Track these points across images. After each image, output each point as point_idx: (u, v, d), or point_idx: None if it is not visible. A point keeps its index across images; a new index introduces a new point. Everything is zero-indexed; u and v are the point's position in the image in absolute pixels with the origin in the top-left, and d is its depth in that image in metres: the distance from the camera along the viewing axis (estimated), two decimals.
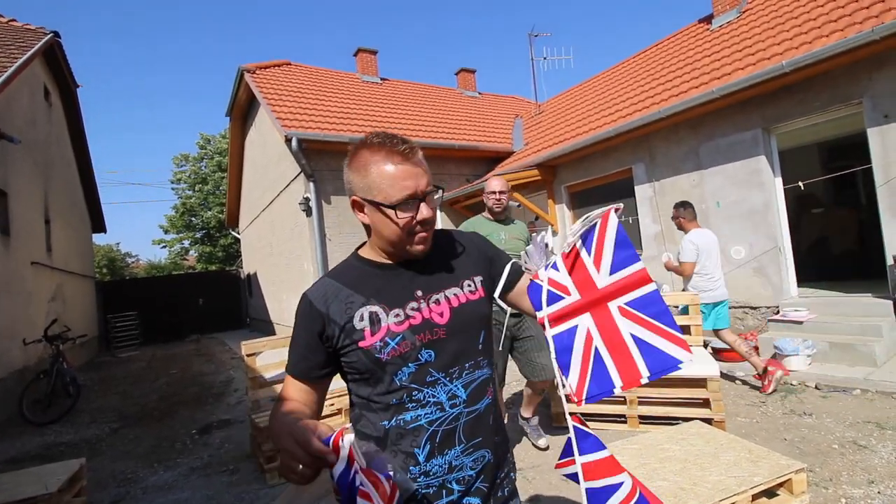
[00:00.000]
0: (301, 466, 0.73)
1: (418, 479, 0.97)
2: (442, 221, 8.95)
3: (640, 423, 3.53)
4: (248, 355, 3.74)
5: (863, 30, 4.45)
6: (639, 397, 3.52)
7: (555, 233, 8.48)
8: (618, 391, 0.87)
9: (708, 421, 3.14)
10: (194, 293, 15.61)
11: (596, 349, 0.89)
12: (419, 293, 1.03)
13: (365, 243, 1.13)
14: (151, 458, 4.05)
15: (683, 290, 4.41)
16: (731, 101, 5.66)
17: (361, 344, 0.98)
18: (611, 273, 0.91)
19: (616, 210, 0.93)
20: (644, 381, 0.86)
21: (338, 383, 1.12)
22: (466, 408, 1.01)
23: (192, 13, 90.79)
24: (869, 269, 6.34)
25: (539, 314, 0.93)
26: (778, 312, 5.36)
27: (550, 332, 0.92)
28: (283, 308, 10.91)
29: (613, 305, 0.89)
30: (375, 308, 1.00)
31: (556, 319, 0.92)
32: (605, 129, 7.09)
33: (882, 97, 4.67)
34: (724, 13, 7.96)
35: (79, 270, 10.98)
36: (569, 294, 0.93)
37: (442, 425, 0.99)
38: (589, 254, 0.93)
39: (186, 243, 24.86)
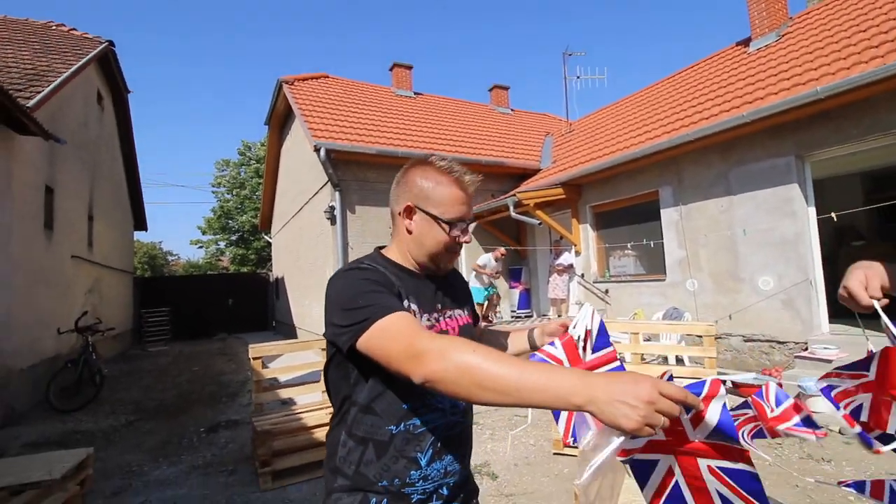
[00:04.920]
0: (663, 420, 0.69)
1: (417, 484, 0.99)
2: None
3: None
4: (255, 358, 3.83)
5: None
6: None
7: (577, 253, 8.34)
8: None
9: None
10: (225, 293, 16.11)
11: (676, 482, 0.93)
12: (439, 306, 1.13)
13: (385, 247, 1.17)
14: (158, 453, 4.17)
15: None
16: (764, 125, 5.47)
17: None
18: (707, 436, 0.90)
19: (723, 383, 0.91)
20: None
21: None
22: (461, 418, 1.08)
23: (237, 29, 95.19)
24: None
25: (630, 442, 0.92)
26: (806, 349, 5.08)
27: (637, 456, 0.93)
28: (304, 313, 11.11)
29: (703, 463, 0.90)
30: (413, 306, 1.05)
31: (641, 449, 0.95)
32: (633, 150, 6.97)
33: None
34: (762, 36, 7.74)
35: (118, 266, 11.53)
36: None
37: (444, 431, 1.04)
38: (687, 412, 0.93)
39: (222, 245, 25.77)
